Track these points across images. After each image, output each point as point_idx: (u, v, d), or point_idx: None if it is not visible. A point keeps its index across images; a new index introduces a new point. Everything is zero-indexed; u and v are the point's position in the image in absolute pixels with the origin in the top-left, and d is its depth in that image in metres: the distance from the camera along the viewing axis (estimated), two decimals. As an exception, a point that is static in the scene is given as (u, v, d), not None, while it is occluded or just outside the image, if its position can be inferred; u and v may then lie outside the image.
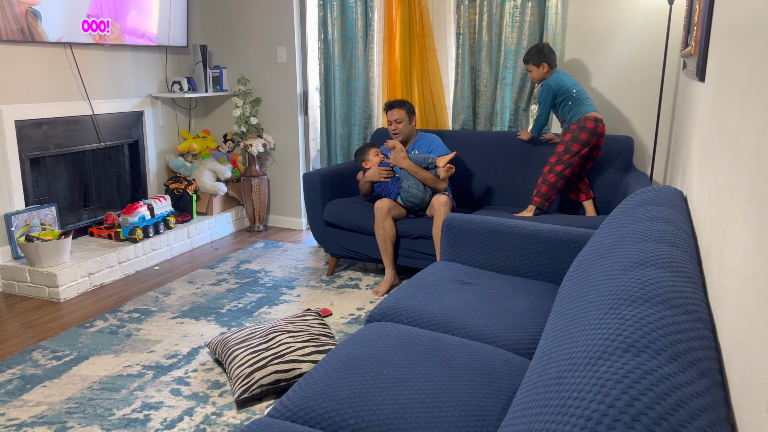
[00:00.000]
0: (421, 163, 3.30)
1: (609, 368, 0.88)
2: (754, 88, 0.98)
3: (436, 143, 3.46)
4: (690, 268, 1.25)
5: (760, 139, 0.88)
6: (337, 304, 3.25)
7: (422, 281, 2.25)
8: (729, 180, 1.14)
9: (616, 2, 3.55)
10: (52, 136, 3.64)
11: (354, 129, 4.27)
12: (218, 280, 3.60)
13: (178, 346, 2.76)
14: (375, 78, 4.13)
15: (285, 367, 2.30)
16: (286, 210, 4.83)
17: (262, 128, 4.70)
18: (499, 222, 2.45)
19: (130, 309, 3.19)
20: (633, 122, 3.66)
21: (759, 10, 1.00)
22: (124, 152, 4.29)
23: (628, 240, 1.44)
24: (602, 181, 3.45)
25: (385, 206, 3.28)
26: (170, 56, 4.52)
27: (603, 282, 1.26)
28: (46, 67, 3.56)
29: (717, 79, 1.53)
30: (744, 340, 0.84)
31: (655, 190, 1.89)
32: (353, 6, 4.09)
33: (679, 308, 1.03)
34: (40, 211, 3.53)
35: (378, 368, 1.57)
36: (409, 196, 3.30)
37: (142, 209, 3.85)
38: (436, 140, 3.47)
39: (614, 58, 3.62)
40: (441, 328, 1.94)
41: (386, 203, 3.28)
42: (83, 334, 2.89)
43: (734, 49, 1.26)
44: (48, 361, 2.62)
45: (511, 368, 1.63)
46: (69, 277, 3.34)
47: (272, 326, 2.55)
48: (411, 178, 3.30)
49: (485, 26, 3.78)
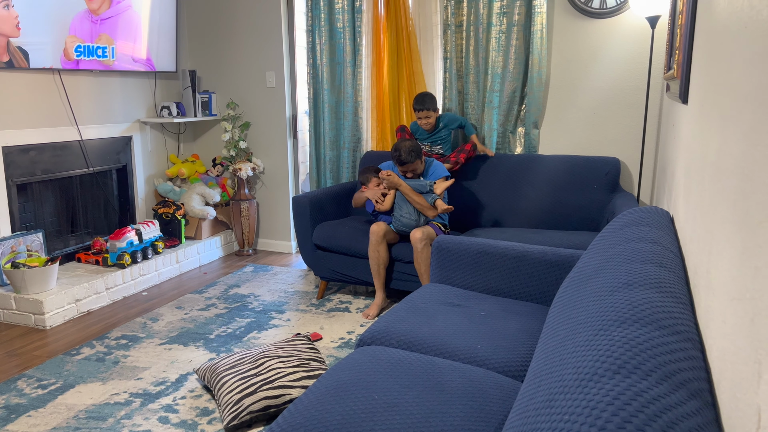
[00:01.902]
0: (417, 187, 3.29)
1: (599, 390, 0.88)
2: (734, 111, 1.00)
3: (437, 166, 3.46)
4: (678, 288, 1.26)
5: (741, 161, 0.90)
6: (327, 328, 3.22)
7: (412, 304, 2.24)
8: (713, 201, 1.16)
9: (600, 26, 3.62)
10: (40, 161, 3.62)
11: (343, 152, 4.29)
12: (207, 305, 3.57)
13: (166, 372, 2.72)
14: (364, 102, 4.17)
15: (275, 393, 2.27)
16: (276, 233, 4.82)
17: (251, 152, 4.71)
18: (489, 244, 2.46)
19: (118, 335, 3.15)
20: (619, 144, 3.71)
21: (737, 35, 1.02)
22: (112, 177, 4.27)
23: (616, 261, 1.45)
24: (589, 202, 3.48)
25: (381, 230, 3.28)
26: (159, 81, 4.54)
27: (592, 303, 1.27)
28: (34, 93, 3.56)
29: (699, 102, 1.56)
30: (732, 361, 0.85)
31: (641, 211, 1.91)
32: (341, 32, 4.14)
33: (667, 329, 1.03)
34: (27, 238, 3.50)
35: (369, 393, 1.56)
36: (400, 225, 3.31)
37: (130, 234, 3.83)
38: (437, 165, 3.47)
39: (599, 81, 3.68)
40: (432, 351, 1.93)
41: (382, 227, 3.28)
42: (69, 361, 2.85)
43: (715, 72, 1.28)
44: (33, 390, 2.57)
45: (502, 391, 1.63)
46: (55, 304, 3.30)
47: (262, 351, 2.53)
48: (404, 206, 3.28)
49: (472, 50, 3.83)
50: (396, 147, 3.31)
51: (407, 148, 3.29)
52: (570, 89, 3.76)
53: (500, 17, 3.70)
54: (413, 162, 3.29)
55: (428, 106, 3.59)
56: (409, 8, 3.95)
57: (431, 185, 3.29)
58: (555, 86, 3.79)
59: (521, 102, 3.83)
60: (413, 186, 3.29)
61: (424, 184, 3.30)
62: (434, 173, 3.42)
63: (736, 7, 1.05)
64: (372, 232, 3.29)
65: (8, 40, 3.27)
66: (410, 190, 3.27)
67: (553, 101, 3.81)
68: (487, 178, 3.71)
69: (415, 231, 3.21)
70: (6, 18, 3.23)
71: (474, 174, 3.75)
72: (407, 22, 3.95)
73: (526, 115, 3.81)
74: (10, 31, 3.26)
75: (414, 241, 3.19)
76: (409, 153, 3.28)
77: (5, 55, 3.27)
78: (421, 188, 3.28)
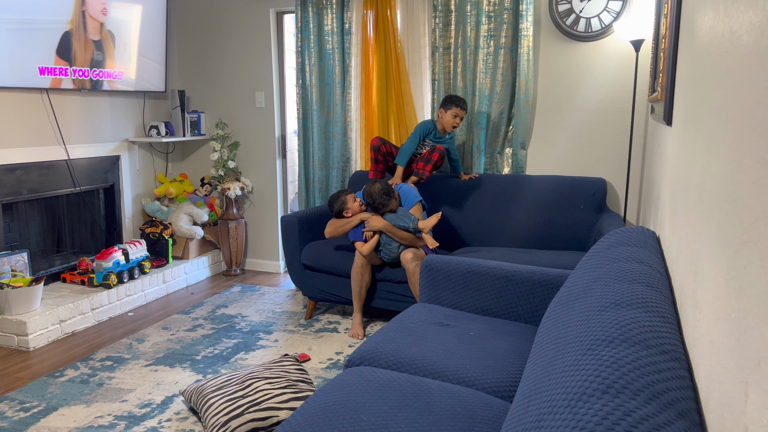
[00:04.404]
0: (399, 223, 3.23)
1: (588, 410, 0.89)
2: (717, 134, 1.02)
3: (407, 191, 3.39)
4: (665, 307, 1.27)
5: (724, 183, 0.92)
6: (315, 348, 3.20)
7: (401, 324, 2.24)
8: (698, 222, 1.17)
9: (585, 49, 3.68)
10: (26, 181, 3.60)
11: (332, 172, 4.30)
12: (194, 326, 3.54)
13: (151, 394, 2.69)
14: (353, 122, 4.19)
15: (262, 415, 2.25)
16: (264, 253, 4.80)
17: (239, 172, 4.71)
18: (477, 263, 2.47)
19: (103, 357, 3.10)
20: (605, 164, 3.75)
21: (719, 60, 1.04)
22: (99, 197, 4.25)
23: (604, 280, 1.46)
24: (577, 222, 3.50)
25: (366, 252, 3.27)
26: (148, 101, 4.54)
27: (580, 323, 1.27)
28: (22, 113, 3.55)
29: (683, 124, 1.59)
30: (719, 380, 0.85)
31: (628, 231, 1.93)
32: (331, 53, 4.17)
33: (655, 348, 1.04)
34: (11, 257, 3.46)
35: (357, 415, 1.55)
36: (390, 259, 3.30)
37: (116, 254, 3.80)
38: (406, 190, 3.40)
39: (585, 103, 3.74)
40: (421, 372, 1.92)
41: (368, 249, 3.27)
42: (53, 384, 2.80)
43: (698, 95, 1.31)
44: (15, 413, 2.52)
45: (491, 412, 1.62)
46: (39, 325, 3.25)
47: (249, 373, 2.50)
48: (391, 241, 3.26)
49: (460, 72, 3.88)
50: (368, 194, 3.27)
51: (378, 191, 3.25)
52: (556, 111, 3.81)
53: (487, 40, 3.76)
54: (388, 204, 3.27)
55: (466, 107, 3.55)
56: (398, 30, 4.00)
57: (415, 222, 3.21)
58: (542, 108, 3.84)
59: (509, 123, 3.87)
60: (396, 224, 3.24)
61: (407, 220, 3.22)
62: (407, 200, 3.36)
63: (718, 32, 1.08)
64: (357, 255, 3.29)
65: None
66: (394, 229, 3.23)
67: (540, 122, 3.86)
68: (475, 198, 3.74)
69: (406, 252, 3.21)
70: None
71: (462, 194, 3.77)
72: (396, 44, 3.99)
73: (513, 136, 3.85)
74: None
75: (405, 262, 3.19)
76: (381, 196, 3.24)
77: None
78: (404, 225, 3.22)
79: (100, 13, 3.83)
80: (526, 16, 3.63)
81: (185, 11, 4.69)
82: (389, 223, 3.24)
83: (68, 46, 3.66)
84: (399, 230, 3.23)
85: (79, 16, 3.70)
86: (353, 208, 3.35)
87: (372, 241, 3.26)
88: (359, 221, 3.31)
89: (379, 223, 3.24)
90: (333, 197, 3.40)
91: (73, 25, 3.66)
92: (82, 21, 3.72)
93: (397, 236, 3.23)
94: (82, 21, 3.72)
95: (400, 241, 3.24)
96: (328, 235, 3.38)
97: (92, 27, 3.81)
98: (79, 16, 3.70)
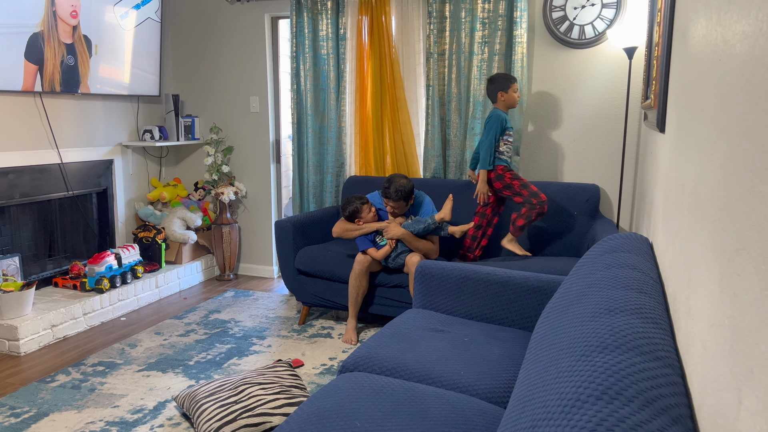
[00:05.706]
0: (417, 229, 3.22)
1: (582, 416, 0.89)
2: (710, 141, 1.02)
3: (429, 204, 3.40)
4: (658, 314, 1.28)
5: (718, 191, 0.92)
6: (309, 354, 3.19)
7: (395, 330, 2.23)
8: (691, 228, 1.18)
9: (579, 56, 3.71)
10: (18, 185, 3.57)
11: (326, 177, 4.30)
12: (186, 331, 3.52)
13: (144, 400, 2.67)
14: (347, 127, 4.19)
15: (255, 421, 2.24)
16: (257, 258, 4.79)
17: (233, 176, 4.70)
18: (471, 269, 2.47)
19: (94, 362, 3.08)
20: (598, 170, 3.77)
21: (712, 68, 1.05)
22: (92, 201, 4.23)
23: (597, 287, 1.47)
24: (569, 228, 3.51)
25: (366, 261, 3.26)
26: (142, 105, 4.53)
27: (574, 329, 1.27)
28: (14, 116, 3.53)
29: (676, 131, 1.60)
30: (713, 387, 0.86)
31: (621, 237, 1.94)
32: (325, 58, 4.18)
33: (648, 354, 1.04)
34: (3, 262, 3.44)
35: (351, 421, 1.54)
36: (396, 265, 3.30)
37: (109, 258, 3.78)
38: (429, 202, 3.41)
39: (578, 109, 3.75)
40: (415, 378, 1.92)
41: (368, 259, 3.28)
42: (44, 389, 2.78)
43: (691, 103, 1.32)
44: (5, 419, 2.50)
45: (485, 418, 1.62)
46: (30, 330, 3.23)
47: (242, 378, 2.49)
48: (399, 246, 3.26)
49: (454, 78, 3.89)
50: (389, 179, 3.26)
51: (397, 186, 3.23)
52: (550, 117, 3.83)
53: (482, 46, 3.77)
54: (397, 202, 3.26)
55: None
56: (393, 37, 4.01)
57: (433, 218, 3.20)
58: (535, 114, 3.86)
59: (503, 129, 3.87)
60: (415, 230, 3.22)
61: (427, 222, 3.21)
62: (426, 211, 3.38)
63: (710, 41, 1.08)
64: (357, 261, 3.28)
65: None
66: (412, 237, 3.23)
67: (534, 129, 3.87)
68: (470, 204, 3.74)
69: (411, 256, 3.21)
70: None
71: (456, 200, 3.77)
72: (391, 50, 4.00)
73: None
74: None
75: (411, 265, 3.18)
76: (396, 192, 3.23)
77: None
78: (425, 229, 3.21)
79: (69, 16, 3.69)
80: (520, 23, 3.65)
81: (180, 16, 4.69)
82: (408, 231, 3.23)
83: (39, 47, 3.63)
84: (416, 239, 3.23)
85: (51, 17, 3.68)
86: (366, 219, 3.35)
87: (387, 248, 3.25)
88: (375, 230, 3.30)
89: (399, 231, 3.23)
90: (349, 200, 3.38)
91: (44, 26, 3.63)
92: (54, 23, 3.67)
93: (413, 245, 3.24)
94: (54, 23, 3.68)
95: (415, 249, 3.24)
96: (336, 235, 3.38)
97: (63, 30, 3.77)
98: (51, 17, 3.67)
